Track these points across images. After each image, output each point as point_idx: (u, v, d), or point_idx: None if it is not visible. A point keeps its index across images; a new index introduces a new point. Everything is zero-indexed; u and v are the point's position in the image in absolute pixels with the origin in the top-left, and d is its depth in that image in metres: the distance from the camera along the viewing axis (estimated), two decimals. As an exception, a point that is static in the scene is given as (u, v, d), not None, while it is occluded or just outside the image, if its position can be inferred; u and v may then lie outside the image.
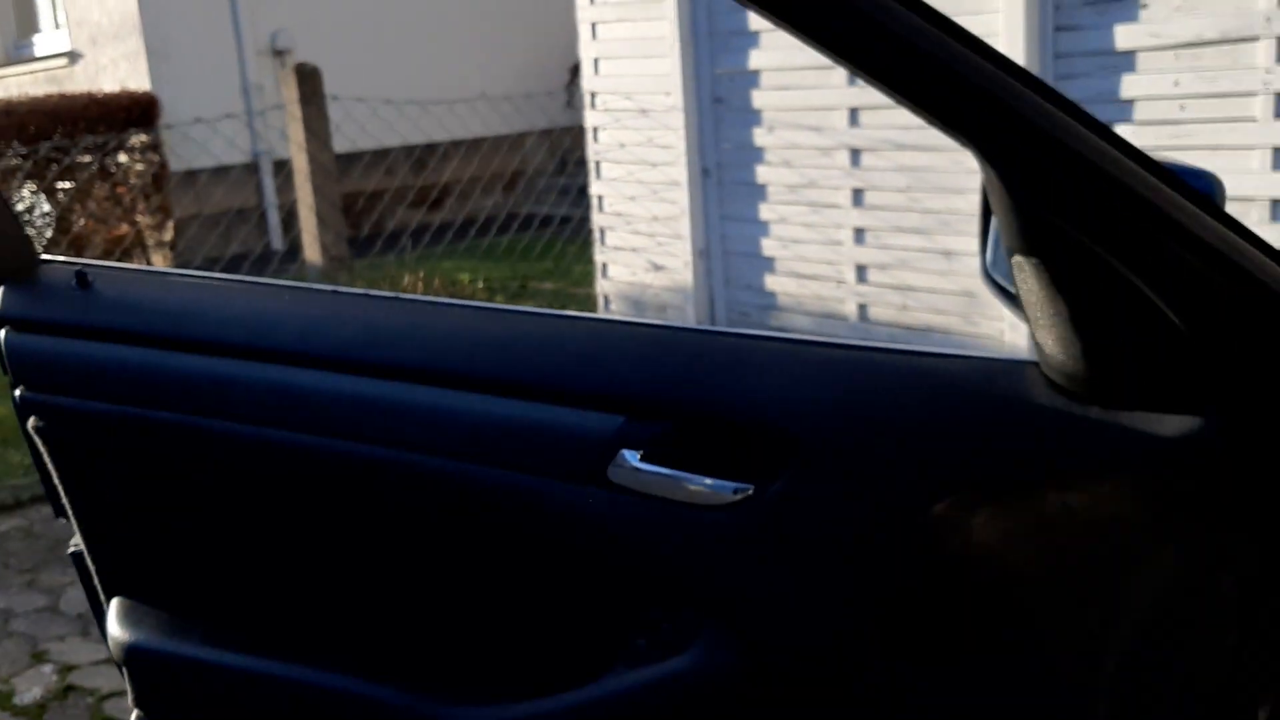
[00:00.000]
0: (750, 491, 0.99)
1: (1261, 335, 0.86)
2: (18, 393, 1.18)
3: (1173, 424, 0.90)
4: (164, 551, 1.20)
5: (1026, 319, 0.93)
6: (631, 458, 1.02)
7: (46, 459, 1.20)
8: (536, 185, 8.03)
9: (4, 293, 1.19)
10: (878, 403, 0.98)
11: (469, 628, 1.12)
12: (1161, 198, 0.84)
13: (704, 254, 5.45)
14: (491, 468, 1.06)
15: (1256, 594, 0.94)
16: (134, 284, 1.23)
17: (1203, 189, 0.90)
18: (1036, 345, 0.94)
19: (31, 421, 1.18)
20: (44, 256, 1.22)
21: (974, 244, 2.05)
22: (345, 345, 1.11)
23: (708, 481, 1.01)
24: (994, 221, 0.97)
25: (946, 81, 0.81)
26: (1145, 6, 3.93)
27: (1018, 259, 0.89)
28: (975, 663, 0.98)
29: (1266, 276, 0.86)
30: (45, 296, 1.19)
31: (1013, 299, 0.98)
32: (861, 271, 4.90)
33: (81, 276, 1.19)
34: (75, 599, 3.30)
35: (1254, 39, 3.70)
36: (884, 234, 4.77)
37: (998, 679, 0.98)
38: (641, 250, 5.71)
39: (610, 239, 5.85)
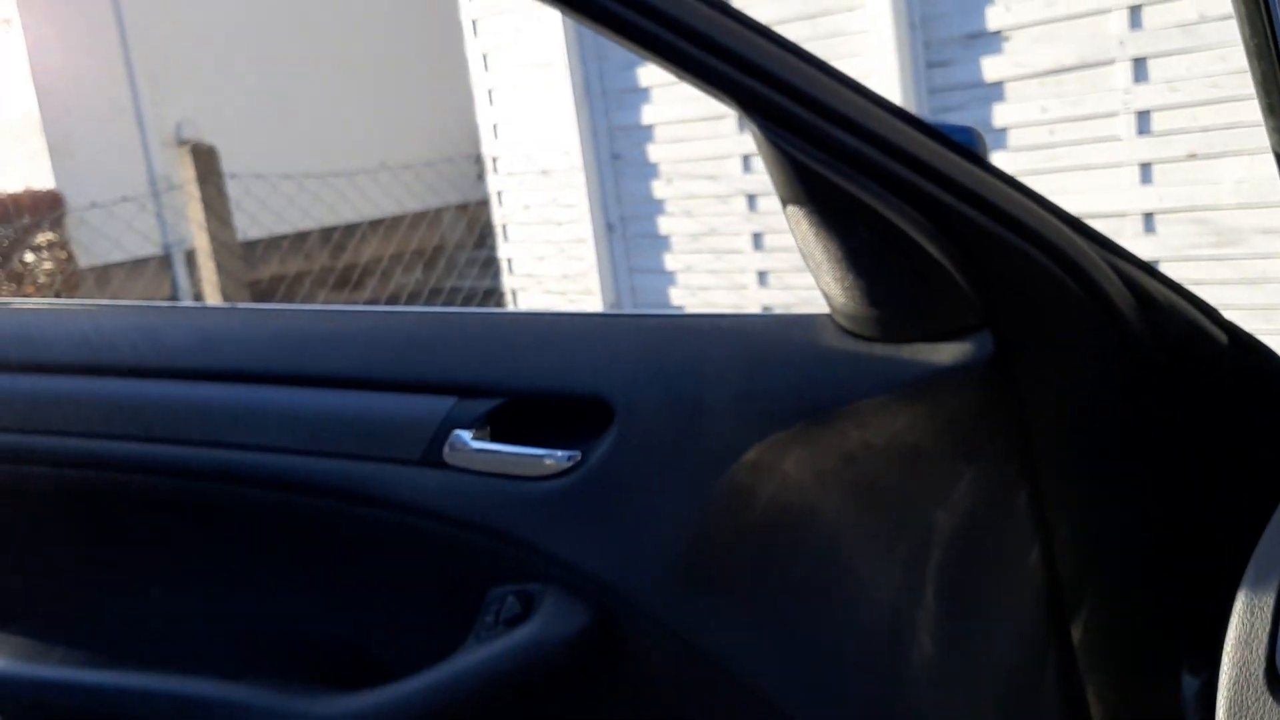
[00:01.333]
0: (579, 458, 1.03)
1: (1017, 261, 0.94)
2: None
3: (952, 351, 0.96)
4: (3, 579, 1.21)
5: (810, 269, 1.00)
6: (465, 437, 1.06)
7: None
8: (458, 260, 8.08)
9: None
10: (684, 364, 1.03)
11: (322, 621, 1.14)
12: (914, 144, 0.91)
13: (615, 308, 5.53)
14: (330, 459, 1.09)
15: (1049, 500, 1.01)
16: None
17: (963, 141, 0.98)
18: (823, 293, 1.00)
19: None
20: None
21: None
22: (178, 354, 1.14)
23: (539, 452, 1.05)
24: None
25: (703, 43, 0.88)
26: (1008, 39, 4.12)
27: (791, 209, 0.95)
28: (796, 597, 1.02)
29: (1018, 210, 0.93)
30: None
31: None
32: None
33: None
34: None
35: (1110, 62, 3.89)
36: (785, 275, 4.89)
37: (820, 611, 1.02)
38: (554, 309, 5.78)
39: (522, 300, 5.91)
